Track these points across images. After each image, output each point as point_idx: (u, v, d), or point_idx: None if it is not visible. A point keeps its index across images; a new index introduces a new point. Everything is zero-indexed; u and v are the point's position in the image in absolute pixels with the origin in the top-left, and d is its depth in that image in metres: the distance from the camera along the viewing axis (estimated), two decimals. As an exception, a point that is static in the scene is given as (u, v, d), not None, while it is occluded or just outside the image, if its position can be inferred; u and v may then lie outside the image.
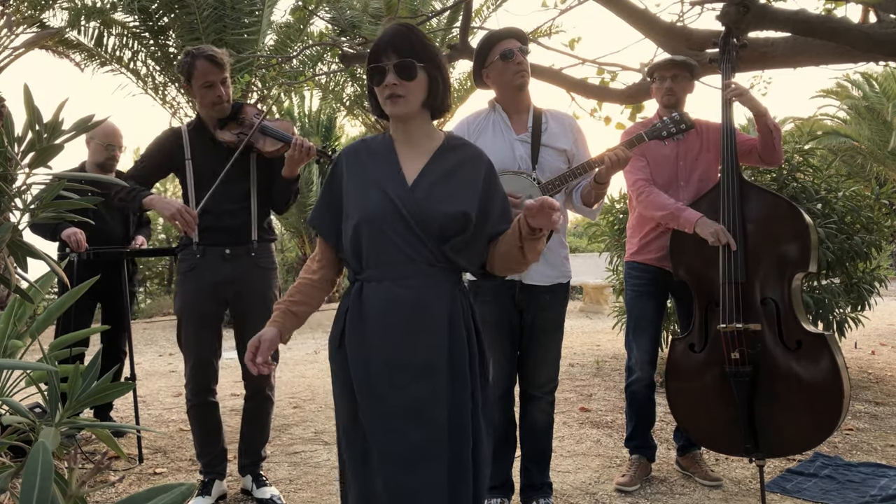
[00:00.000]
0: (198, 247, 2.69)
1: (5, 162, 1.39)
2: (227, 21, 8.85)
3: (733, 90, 2.67)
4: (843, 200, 4.76)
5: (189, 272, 2.71)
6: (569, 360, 6.24)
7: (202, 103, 2.69)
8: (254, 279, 2.74)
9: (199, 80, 2.62)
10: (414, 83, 1.62)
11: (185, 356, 2.75)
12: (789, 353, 2.52)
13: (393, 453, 1.56)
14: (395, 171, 1.66)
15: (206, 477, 2.78)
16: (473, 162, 1.71)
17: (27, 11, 8.77)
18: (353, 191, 1.66)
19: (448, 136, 1.74)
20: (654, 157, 2.89)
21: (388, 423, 1.57)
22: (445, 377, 1.59)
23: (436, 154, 1.69)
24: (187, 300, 2.71)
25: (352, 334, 1.63)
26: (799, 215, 2.56)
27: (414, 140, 1.69)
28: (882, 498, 2.69)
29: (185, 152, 2.71)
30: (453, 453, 1.59)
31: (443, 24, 10.15)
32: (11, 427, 1.61)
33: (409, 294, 1.59)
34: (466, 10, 4.75)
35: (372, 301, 1.61)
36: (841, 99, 17.78)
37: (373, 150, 1.71)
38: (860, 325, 5.00)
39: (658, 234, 2.89)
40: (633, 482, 2.88)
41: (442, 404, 1.58)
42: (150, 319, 11.38)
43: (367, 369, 1.60)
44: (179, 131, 2.77)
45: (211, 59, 2.61)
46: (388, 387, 1.58)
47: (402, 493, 1.55)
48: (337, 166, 1.72)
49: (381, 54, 1.62)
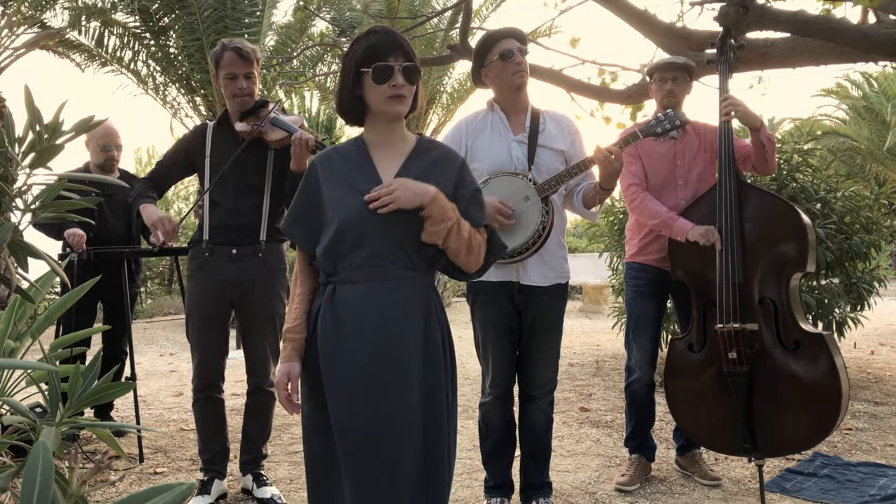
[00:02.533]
0: (207, 245, 2.71)
1: (6, 162, 1.40)
2: (228, 21, 8.85)
3: (727, 104, 2.67)
4: (842, 200, 4.77)
5: (198, 270, 2.74)
6: (568, 360, 6.24)
7: (225, 94, 2.73)
8: (260, 280, 2.74)
9: (224, 70, 2.68)
10: (413, 88, 1.66)
11: (192, 352, 2.78)
12: (787, 353, 2.52)
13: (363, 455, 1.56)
14: (371, 174, 1.67)
15: (206, 475, 2.79)
16: (446, 161, 1.72)
17: (28, 12, 8.78)
18: (331, 197, 1.65)
19: (420, 139, 1.76)
20: (651, 156, 2.90)
21: (359, 423, 1.57)
22: (419, 377, 1.60)
23: (410, 156, 1.71)
24: (195, 298, 2.73)
25: (323, 334, 1.62)
26: (796, 215, 2.57)
27: (392, 142, 1.71)
28: (881, 497, 2.69)
29: (206, 149, 2.75)
30: (426, 454, 1.60)
31: (443, 24, 10.16)
32: (12, 427, 1.62)
33: (384, 295, 1.60)
34: (466, 10, 4.76)
35: (345, 301, 1.61)
36: (840, 99, 17.77)
37: (346, 156, 1.71)
38: (859, 325, 5.01)
39: (657, 235, 2.90)
40: (633, 482, 2.89)
41: (411, 408, 1.58)
42: (150, 319, 11.38)
43: (338, 370, 1.59)
44: (205, 128, 2.82)
45: (237, 52, 2.67)
46: (357, 389, 1.58)
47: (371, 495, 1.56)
48: (310, 175, 1.71)
49: (388, 54, 1.62)
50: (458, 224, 1.62)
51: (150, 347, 8.17)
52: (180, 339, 8.76)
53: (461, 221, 1.63)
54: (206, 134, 2.78)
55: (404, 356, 1.59)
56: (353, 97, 1.68)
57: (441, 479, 1.62)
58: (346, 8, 9.68)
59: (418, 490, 1.58)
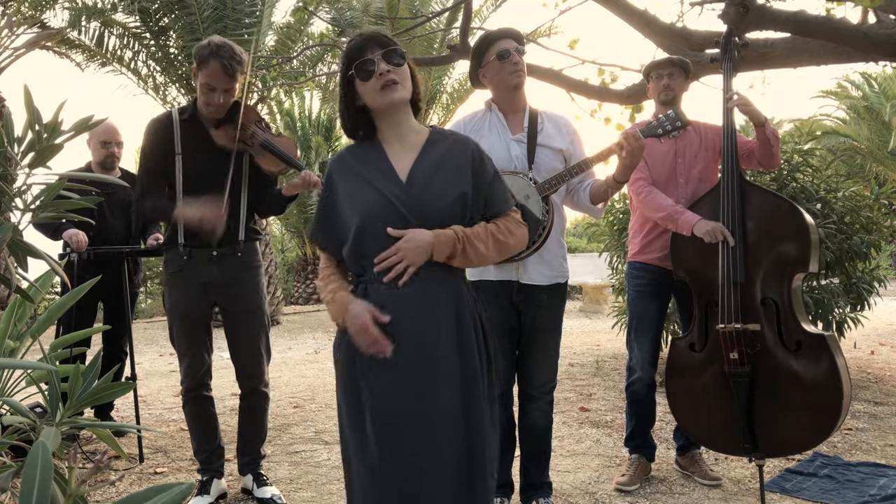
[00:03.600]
0: (184, 248, 2.67)
1: (5, 162, 1.40)
2: (228, 21, 8.85)
3: (735, 101, 2.68)
4: (842, 200, 4.77)
5: (177, 273, 2.70)
6: (568, 360, 6.24)
7: (200, 98, 2.65)
8: (243, 280, 2.74)
9: (205, 78, 2.56)
10: (403, 70, 1.65)
11: (178, 355, 2.77)
12: (789, 354, 2.52)
13: (398, 457, 1.55)
14: (387, 170, 1.66)
15: (204, 475, 2.79)
16: (459, 147, 1.71)
17: (28, 12, 8.77)
18: (349, 196, 1.66)
19: (433, 130, 1.75)
20: (652, 155, 2.90)
21: (395, 424, 1.56)
22: (457, 377, 1.59)
23: (424, 147, 1.70)
24: (177, 302, 2.71)
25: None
26: (799, 215, 2.57)
27: (402, 134, 1.70)
28: (881, 497, 2.69)
29: (176, 145, 2.64)
30: (463, 454, 1.58)
31: (442, 24, 10.16)
32: (12, 427, 1.62)
33: (413, 291, 1.59)
34: (466, 10, 4.76)
35: (376, 301, 1.60)
36: (840, 99, 17.77)
37: (359, 155, 1.71)
38: (859, 325, 5.01)
39: (659, 234, 2.90)
40: (633, 482, 2.89)
41: (450, 404, 1.57)
42: (150, 319, 11.39)
43: (373, 369, 1.59)
44: (169, 121, 2.66)
45: (223, 67, 2.51)
46: (394, 387, 1.57)
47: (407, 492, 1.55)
48: (328, 181, 1.73)
49: (364, 50, 1.64)
50: (467, 244, 1.61)
51: (150, 347, 8.17)
52: (180, 339, 8.75)
53: (469, 238, 1.61)
54: (173, 128, 2.65)
55: (438, 353, 1.58)
56: (355, 110, 1.69)
57: (483, 470, 1.60)
58: (346, 8, 9.69)
59: (459, 482, 1.57)
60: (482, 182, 1.69)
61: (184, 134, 2.66)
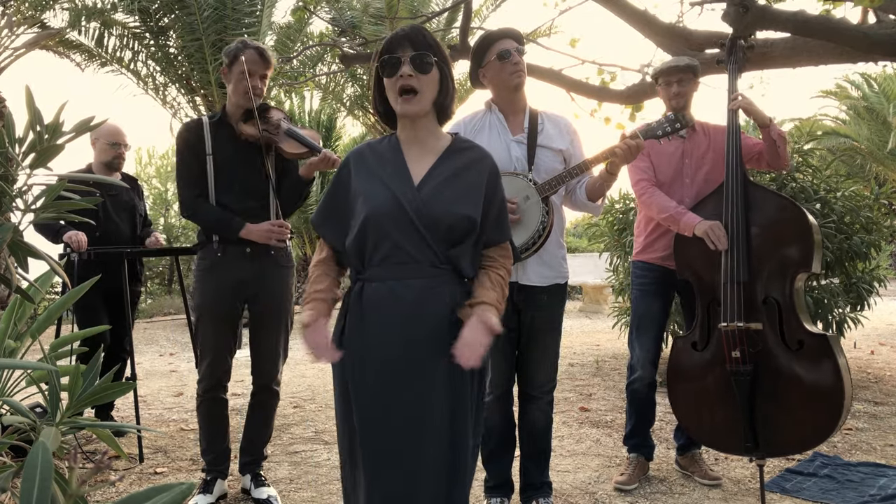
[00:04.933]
0: (218, 245, 2.70)
1: (6, 162, 1.40)
2: (228, 21, 8.85)
3: (738, 102, 2.68)
4: (842, 200, 4.77)
5: (208, 270, 2.71)
6: (568, 360, 6.24)
7: (235, 90, 2.69)
8: (274, 278, 2.76)
9: (242, 66, 2.65)
10: (428, 77, 1.63)
11: (201, 353, 2.76)
12: (791, 353, 2.52)
13: (384, 455, 1.56)
14: (402, 171, 1.66)
15: (209, 475, 2.78)
16: (479, 165, 1.70)
17: (28, 12, 8.78)
18: (360, 191, 1.66)
19: (456, 138, 1.75)
20: (660, 155, 2.90)
21: (382, 424, 1.57)
22: (443, 380, 1.59)
23: (444, 154, 1.69)
24: (207, 299, 2.71)
25: (350, 333, 1.63)
26: (803, 215, 2.57)
27: (421, 139, 1.69)
28: (881, 497, 2.69)
29: (207, 146, 2.71)
30: (447, 457, 1.59)
31: (442, 24, 10.16)
32: (12, 427, 1.62)
33: (410, 294, 1.59)
34: (466, 10, 4.76)
35: (372, 300, 1.61)
36: (840, 99, 17.77)
37: (379, 152, 1.71)
38: (859, 325, 5.01)
39: (662, 234, 2.90)
40: (632, 481, 2.89)
41: (437, 407, 1.57)
42: (150, 319, 11.38)
43: (364, 368, 1.60)
44: (200, 124, 2.75)
45: (260, 52, 2.70)
46: (383, 387, 1.58)
47: (391, 494, 1.56)
48: (343, 169, 1.72)
49: (396, 47, 1.63)
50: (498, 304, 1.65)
51: (150, 347, 8.17)
52: (180, 339, 8.76)
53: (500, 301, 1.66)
54: (204, 131, 2.73)
55: (428, 356, 1.58)
56: (383, 100, 1.70)
57: (463, 475, 1.61)
58: (346, 8, 9.69)
59: (439, 487, 1.57)
60: (491, 209, 1.69)
61: (214, 135, 2.72)
